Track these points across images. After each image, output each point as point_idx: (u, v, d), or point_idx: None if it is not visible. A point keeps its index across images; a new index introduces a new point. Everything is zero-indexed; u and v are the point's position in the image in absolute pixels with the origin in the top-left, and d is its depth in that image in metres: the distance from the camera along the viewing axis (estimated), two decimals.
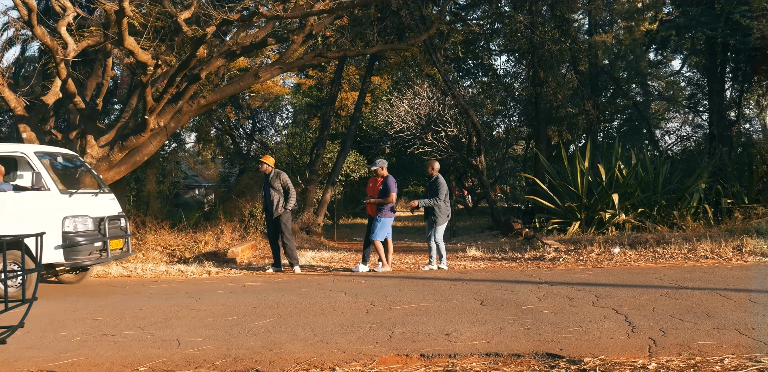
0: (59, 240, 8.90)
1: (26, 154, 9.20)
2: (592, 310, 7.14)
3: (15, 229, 8.69)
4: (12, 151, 9.44)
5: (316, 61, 15.54)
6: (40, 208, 8.96)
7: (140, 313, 7.72)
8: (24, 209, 8.93)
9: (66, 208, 9.03)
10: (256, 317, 7.32)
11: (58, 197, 9.00)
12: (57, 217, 8.95)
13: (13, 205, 8.94)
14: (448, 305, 7.64)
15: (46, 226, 8.74)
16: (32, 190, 9.02)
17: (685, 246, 11.36)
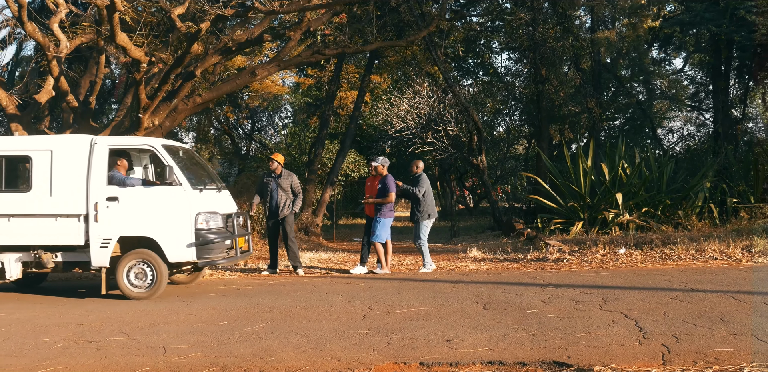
0: (191, 237, 8.37)
1: (155, 148, 8.67)
2: (600, 314, 6.77)
3: (144, 226, 8.37)
4: (140, 144, 8.96)
5: (314, 58, 15.16)
6: (172, 203, 8.42)
7: (127, 318, 7.35)
8: (154, 205, 8.44)
9: (197, 203, 8.50)
10: (247, 322, 6.95)
11: (190, 192, 8.47)
12: (190, 214, 8.41)
13: (142, 200, 8.47)
14: (448, 309, 7.27)
15: (177, 223, 8.34)
16: (162, 185, 8.52)
17: (693, 246, 10.98)
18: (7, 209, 8.55)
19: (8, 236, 8.55)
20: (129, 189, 8.51)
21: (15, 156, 8.92)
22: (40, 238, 8.52)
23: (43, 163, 8.61)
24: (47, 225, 8.49)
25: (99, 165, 8.54)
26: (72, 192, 8.51)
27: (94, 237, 8.39)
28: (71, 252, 8.66)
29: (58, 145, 8.72)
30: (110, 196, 8.44)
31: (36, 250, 8.60)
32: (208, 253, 8.49)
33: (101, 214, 8.41)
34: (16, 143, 9.06)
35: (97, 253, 8.40)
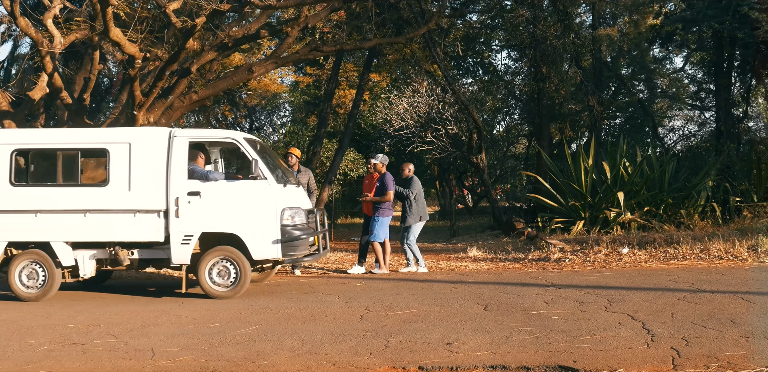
0: (277, 234, 8.01)
1: (238, 141, 8.31)
2: (605, 315, 6.51)
3: (228, 222, 8.03)
4: (222, 136, 8.62)
5: (312, 55, 14.87)
6: (257, 198, 8.06)
7: (116, 320, 7.08)
8: (238, 200, 8.08)
9: (282, 199, 8.14)
10: (240, 324, 6.69)
11: (275, 187, 8.11)
12: (275, 209, 8.04)
13: (225, 195, 8.12)
14: (448, 311, 7.01)
15: (262, 219, 8.00)
16: (246, 180, 8.16)
17: (697, 246, 10.72)
18: (83, 204, 8.15)
19: (83, 232, 8.16)
20: (211, 183, 8.16)
21: (91, 149, 8.53)
22: (116, 235, 8.13)
23: (121, 157, 8.20)
24: (125, 221, 8.10)
25: (179, 158, 8.14)
26: (151, 186, 8.11)
27: (174, 233, 8.02)
28: (147, 249, 8.32)
29: (136, 137, 8.29)
30: (192, 190, 8.07)
31: (112, 246, 8.24)
32: (294, 251, 8.13)
33: (182, 210, 8.03)
34: (92, 136, 8.64)
35: (178, 250, 8.03)
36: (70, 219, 8.16)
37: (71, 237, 8.23)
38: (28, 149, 8.61)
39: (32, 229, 8.20)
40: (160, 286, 9.70)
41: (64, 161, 9.28)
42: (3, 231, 8.26)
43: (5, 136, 8.60)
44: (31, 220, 8.20)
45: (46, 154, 9.22)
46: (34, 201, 8.21)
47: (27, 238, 8.29)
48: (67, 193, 8.26)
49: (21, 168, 8.70)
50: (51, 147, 8.61)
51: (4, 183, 8.28)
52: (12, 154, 8.36)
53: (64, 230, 8.17)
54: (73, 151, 8.50)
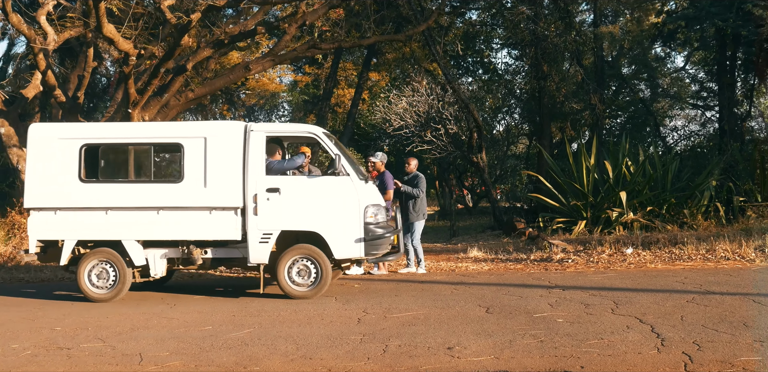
0: (360, 232, 7.65)
1: (318, 135, 7.96)
2: (612, 318, 6.24)
3: (309, 219, 7.69)
4: (301, 131, 8.22)
5: (310, 53, 14.65)
6: (339, 195, 7.70)
7: (105, 323, 6.81)
8: (319, 196, 7.71)
9: (365, 195, 7.77)
10: (233, 327, 6.42)
11: (357, 183, 7.76)
12: (359, 206, 7.67)
13: (305, 191, 7.76)
14: (449, 313, 6.74)
15: (345, 216, 7.65)
16: (327, 176, 7.84)
17: (703, 246, 10.45)
18: (156, 201, 7.79)
19: (156, 230, 7.81)
20: (291, 179, 7.87)
21: (165, 144, 8.19)
22: (191, 233, 7.77)
23: (196, 152, 7.83)
24: (200, 218, 7.74)
25: (256, 153, 7.78)
26: (227, 183, 7.75)
27: (252, 231, 7.67)
28: (222, 248, 7.97)
29: (211, 131, 7.91)
30: (271, 187, 7.71)
31: (185, 245, 7.89)
32: (376, 249, 7.81)
33: (261, 207, 7.67)
34: (166, 130, 8.27)
35: (256, 249, 7.68)
36: (143, 217, 7.80)
37: (144, 235, 7.88)
38: (97, 144, 8.19)
39: (103, 227, 7.84)
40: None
41: (136, 156, 9.04)
42: (72, 229, 7.87)
43: (73, 130, 8.22)
44: (102, 218, 7.83)
45: (117, 149, 8.93)
46: (105, 198, 7.83)
47: (97, 236, 7.92)
48: (139, 189, 7.91)
49: (91, 163, 8.26)
50: (122, 142, 8.29)
51: (73, 179, 7.90)
52: (81, 149, 7.96)
53: (136, 228, 7.82)
54: (146, 145, 8.19)
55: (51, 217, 7.88)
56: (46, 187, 7.91)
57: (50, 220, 7.88)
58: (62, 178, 7.90)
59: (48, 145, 8.00)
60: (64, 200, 7.86)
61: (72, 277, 10.32)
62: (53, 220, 7.88)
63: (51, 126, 8.43)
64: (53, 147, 7.98)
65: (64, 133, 8.09)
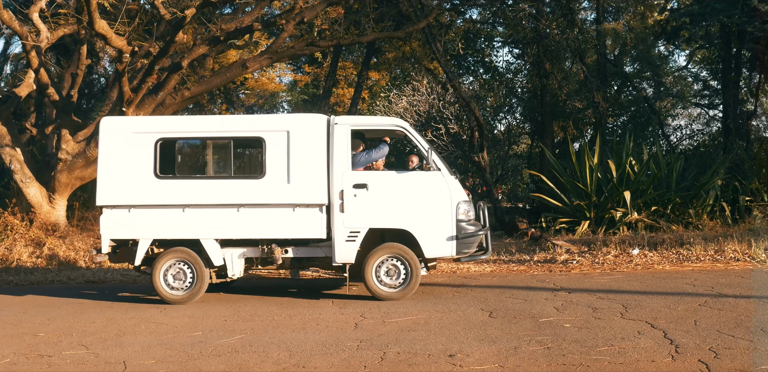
0: (452, 230, 7.27)
1: (406, 129, 7.57)
2: (622, 323, 5.91)
3: (398, 217, 7.32)
4: (387, 124, 7.76)
5: (308, 50, 14.31)
6: (430, 191, 7.32)
7: (91, 328, 6.48)
8: (408, 192, 7.34)
9: (456, 191, 7.37)
10: (224, 333, 6.09)
11: (449, 179, 7.37)
12: (450, 203, 7.30)
13: (394, 187, 7.37)
14: (451, 317, 6.41)
15: (436, 213, 7.27)
16: (417, 171, 7.52)
17: (711, 247, 10.12)
18: (236, 198, 7.42)
19: (236, 229, 7.43)
20: (379, 175, 7.49)
21: (246, 138, 7.80)
22: (272, 231, 7.39)
23: (278, 146, 7.45)
24: (283, 216, 7.37)
25: (341, 148, 7.40)
26: (312, 179, 7.37)
27: (338, 229, 7.29)
28: (303, 247, 7.59)
29: (294, 125, 7.52)
30: (358, 182, 7.34)
31: (266, 244, 7.50)
32: (468, 248, 7.41)
33: (348, 204, 7.29)
34: (246, 124, 7.85)
35: (342, 248, 7.30)
36: (223, 214, 7.44)
37: (223, 234, 7.49)
38: (174, 138, 7.85)
39: (180, 225, 7.46)
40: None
41: (215, 151, 8.67)
42: (147, 227, 7.49)
43: (149, 124, 7.83)
44: (179, 216, 7.46)
45: (194, 144, 8.57)
46: (182, 195, 7.45)
47: (174, 235, 7.51)
48: (218, 186, 7.52)
49: (167, 159, 7.90)
50: (200, 136, 7.96)
51: (148, 175, 7.52)
52: (157, 144, 7.57)
53: (215, 226, 7.45)
54: (225, 140, 7.81)
55: (125, 216, 7.50)
56: (119, 183, 7.51)
57: (124, 219, 7.50)
58: (136, 175, 7.52)
59: (121, 140, 7.58)
60: (139, 197, 7.49)
61: (66, 279, 10.02)
62: (127, 219, 7.50)
63: (124, 120, 7.99)
64: (126, 142, 7.57)
65: (138, 127, 7.69)
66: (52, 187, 13.23)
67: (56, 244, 12.33)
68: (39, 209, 13.02)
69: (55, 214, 13.29)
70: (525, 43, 16.36)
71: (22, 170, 12.88)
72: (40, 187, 13.10)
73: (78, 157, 13.13)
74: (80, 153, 13.13)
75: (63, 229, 13.15)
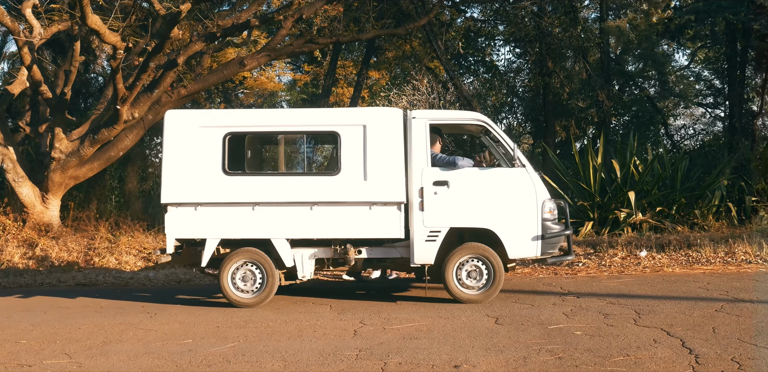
0: (537, 229, 6.90)
1: (487, 123, 7.18)
2: (636, 331, 5.56)
3: (481, 215, 6.92)
4: (468, 118, 7.35)
5: (307, 48, 13.95)
6: (514, 189, 6.95)
7: (76, 335, 6.12)
8: (491, 190, 6.96)
9: (541, 189, 7.00)
10: (216, 340, 5.73)
11: (534, 176, 7.03)
12: (536, 201, 6.93)
13: (476, 184, 6.98)
14: (455, 324, 6.05)
15: (521, 212, 6.89)
16: (500, 167, 7.13)
17: (721, 249, 9.78)
18: (309, 196, 7.03)
19: (309, 228, 7.03)
20: (460, 172, 7.02)
21: (319, 132, 7.48)
22: (347, 231, 7.01)
23: (354, 141, 7.07)
24: (358, 215, 6.99)
25: (419, 143, 7.03)
26: (390, 175, 7.00)
27: (418, 228, 6.92)
28: (377, 247, 7.20)
29: (371, 118, 7.14)
30: (439, 179, 6.96)
31: (339, 244, 7.12)
32: (552, 248, 7.04)
33: (428, 202, 6.92)
34: (320, 117, 7.43)
35: (421, 249, 6.92)
36: (295, 213, 7.04)
37: (295, 233, 7.09)
38: (243, 132, 7.42)
39: (249, 224, 7.06)
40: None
41: (287, 146, 8.27)
42: (215, 227, 7.08)
43: (217, 118, 7.41)
44: (248, 215, 7.07)
45: (265, 139, 8.15)
46: (252, 192, 7.06)
47: (243, 234, 7.11)
48: (290, 182, 7.14)
49: (236, 154, 7.52)
50: (271, 130, 7.56)
51: (216, 172, 7.13)
52: (225, 138, 7.18)
53: (286, 226, 7.05)
54: (298, 134, 7.57)
55: (191, 214, 7.10)
56: (185, 180, 7.12)
57: (190, 217, 7.10)
58: (204, 171, 7.13)
59: (187, 134, 7.20)
60: (206, 195, 7.09)
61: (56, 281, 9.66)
62: (194, 217, 7.10)
63: (191, 113, 7.57)
64: (193, 136, 7.19)
65: (205, 121, 7.29)
66: (45, 186, 12.87)
67: (49, 245, 11.98)
68: (32, 209, 12.65)
69: (48, 214, 12.93)
70: (527, 41, 16.01)
71: (15, 169, 12.52)
72: (33, 186, 12.74)
73: (72, 156, 12.76)
74: (74, 152, 12.76)
75: (56, 229, 12.78)
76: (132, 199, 16.74)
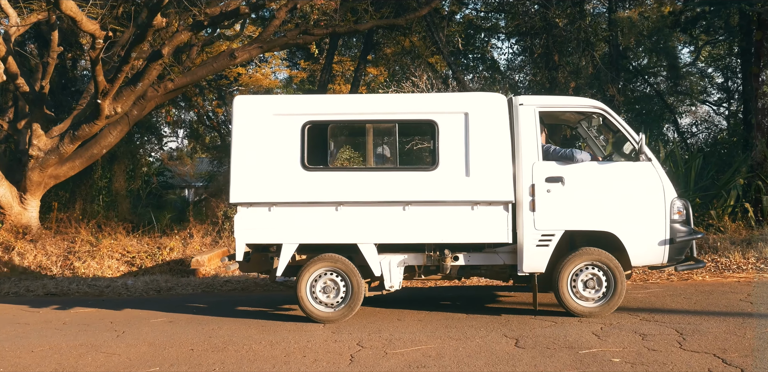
0: (665, 232, 5.96)
1: (606, 111, 6.24)
2: (684, 357, 4.61)
3: (601, 217, 5.96)
4: (583, 105, 6.34)
5: (302, 39, 12.99)
6: (640, 185, 5.99)
7: (25, 359, 5.15)
8: (613, 187, 6.00)
9: (668, 186, 6.05)
10: (188, 368, 4.77)
11: (660, 171, 6.08)
12: (664, 200, 5.98)
13: (596, 181, 6.03)
14: (469, 347, 5.09)
15: (646, 212, 5.95)
16: (621, 162, 6.17)
17: (751, 253, 8.83)
18: (403, 194, 6.07)
19: (401, 232, 6.06)
20: (576, 166, 6.05)
21: (414, 121, 6.43)
22: (446, 234, 6.04)
23: (454, 131, 6.14)
24: (459, 216, 6.04)
25: (528, 133, 6.09)
26: (496, 170, 6.05)
27: (528, 232, 5.97)
28: (476, 252, 6.24)
29: (474, 105, 6.16)
30: (552, 175, 6.02)
31: (435, 250, 6.16)
32: (679, 254, 6.09)
33: (540, 201, 5.99)
34: (415, 104, 6.38)
35: (532, 255, 5.96)
36: (385, 214, 6.09)
37: (385, 237, 6.11)
38: (325, 121, 6.49)
39: (333, 227, 6.10)
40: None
41: (377, 137, 7.46)
42: (293, 230, 6.11)
43: (295, 104, 6.41)
44: (331, 216, 6.11)
45: (351, 129, 7.23)
46: (336, 190, 6.11)
47: (326, 239, 6.13)
48: (381, 179, 6.16)
49: (317, 146, 6.61)
50: (358, 118, 6.49)
51: (294, 166, 6.15)
52: (304, 128, 6.22)
53: (376, 229, 6.08)
54: (389, 123, 6.56)
55: (265, 215, 6.12)
56: (258, 176, 6.14)
57: (264, 219, 6.12)
58: (279, 165, 6.16)
59: (260, 124, 6.23)
60: (283, 193, 6.12)
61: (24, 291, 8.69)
62: (268, 219, 6.12)
63: (264, 98, 6.59)
64: (267, 125, 6.23)
65: (281, 108, 6.31)
66: (23, 186, 11.89)
67: (26, 248, 11.02)
68: (9, 210, 11.68)
69: (26, 215, 11.95)
70: (533, 34, 15.06)
71: None
72: (10, 186, 11.76)
73: (51, 153, 11.79)
74: (53, 149, 11.79)
75: (35, 231, 11.81)
76: (119, 199, 15.76)
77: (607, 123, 6.28)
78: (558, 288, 5.97)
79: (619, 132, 6.22)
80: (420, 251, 6.20)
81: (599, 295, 6.00)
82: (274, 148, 6.18)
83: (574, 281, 6.00)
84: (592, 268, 6.00)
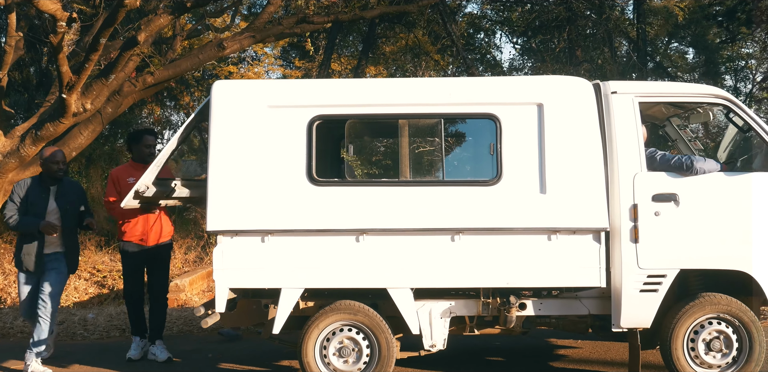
0: None
1: (732, 102, 4.58)
2: None
3: (731, 248, 4.28)
4: (702, 94, 4.58)
5: (299, 29, 11.33)
6: None
7: None
8: (741, 207, 4.35)
9: None
10: None
11: None
12: None
13: (718, 198, 4.36)
14: None
15: None
16: (753, 172, 4.50)
17: None
18: (451, 219, 4.32)
19: (448, 271, 4.32)
20: (696, 180, 4.39)
21: (465, 115, 4.71)
22: (509, 275, 4.30)
23: (523, 129, 4.41)
24: (531, 248, 4.33)
25: (627, 132, 4.39)
26: (582, 185, 4.35)
27: (628, 271, 4.28)
28: (549, 298, 4.54)
29: (551, 93, 4.43)
30: (662, 192, 4.36)
31: (497, 295, 4.44)
32: None
33: (646, 228, 4.34)
34: (467, 91, 4.54)
35: (634, 303, 4.25)
36: (427, 246, 4.32)
37: (427, 280, 4.32)
38: (341, 116, 4.60)
39: (353, 264, 4.34)
40: None
41: (412, 138, 6.06)
42: (295, 269, 4.35)
43: (298, 92, 4.57)
44: (351, 249, 4.34)
45: (376, 126, 5.44)
46: (357, 212, 4.34)
47: (343, 282, 4.36)
48: (419, 197, 4.38)
49: (329, 151, 5.00)
50: (386, 112, 4.58)
51: (297, 179, 4.39)
52: (312, 125, 4.43)
53: (414, 267, 4.31)
54: (430, 118, 4.68)
55: (257, 248, 4.36)
56: (248, 194, 4.36)
57: (256, 254, 4.36)
58: (277, 178, 4.40)
59: (250, 119, 4.42)
60: (283, 217, 4.35)
61: None
62: (261, 254, 4.36)
63: (254, 84, 4.73)
64: (260, 122, 4.44)
65: (279, 98, 4.49)
66: None
67: None
68: None
69: None
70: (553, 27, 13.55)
71: None
72: None
73: (10, 156, 10.00)
74: (13, 152, 10.00)
75: None
76: (95, 206, 13.96)
77: (731, 118, 4.56)
78: (670, 351, 4.26)
79: (752, 130, 4.49)
80: (472, 296, 4.43)
81: (728, 361, 4.34)
82: (270, 154, 4.42)
83: (693, 341, 4.30)
84: (718, 323, 4.29)
